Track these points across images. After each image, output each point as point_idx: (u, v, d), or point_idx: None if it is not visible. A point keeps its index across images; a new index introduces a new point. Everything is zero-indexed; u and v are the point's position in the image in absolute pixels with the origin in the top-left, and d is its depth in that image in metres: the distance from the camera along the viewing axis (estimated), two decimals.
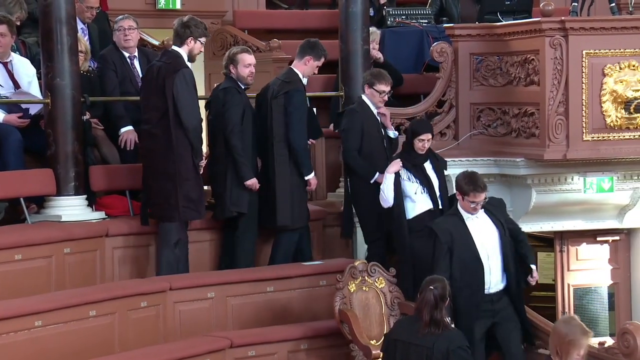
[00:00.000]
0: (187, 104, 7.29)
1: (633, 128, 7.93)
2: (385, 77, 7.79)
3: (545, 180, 8.26)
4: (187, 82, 7.30)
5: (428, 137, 7.49)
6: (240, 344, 7.05)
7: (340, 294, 7.20)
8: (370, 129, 7.72)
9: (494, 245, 6.94)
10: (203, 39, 7.47)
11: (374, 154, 7.70)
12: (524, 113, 8.19)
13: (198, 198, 7.38)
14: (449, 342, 6.21)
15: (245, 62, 7.67)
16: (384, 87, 7.75)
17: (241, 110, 7.62)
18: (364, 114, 7.74)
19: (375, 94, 7.75)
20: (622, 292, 8.95)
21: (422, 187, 7.45)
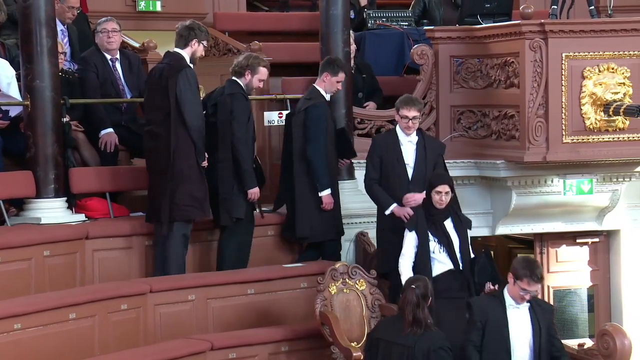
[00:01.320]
0: (190, 104, 7.30)
1: (612, 130, 7.97)
2: (410, 102, 7.44)
3: (526, 182, 8.30)
4: (190, 81, 7.32)
5: (445, 190, 7.01)
6: (221, 347, 7.04)
7: (321, 296, 7.20)
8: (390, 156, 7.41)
9: (527, 344, 6.40)
10: (206, 42, 7.52)
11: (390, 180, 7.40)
12: (504, 115, 8.22)
13: (202, 197, 7.41)
14: (431, 342, 6.23)
15: (263, 76, 7.71)
16: (406, 112, 7.38)
17: (247, 117, 7.64)
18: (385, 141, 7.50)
19: (401, 121, 7.42)
20: (602, 293, 9.00)
21: (441, 245, 7.01)
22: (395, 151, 7.43)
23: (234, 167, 7.57)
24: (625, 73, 7.92)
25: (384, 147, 7.48)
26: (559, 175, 8.27)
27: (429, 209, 7.08)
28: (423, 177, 7.35)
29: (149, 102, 7.52)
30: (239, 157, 7.55)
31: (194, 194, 7.34)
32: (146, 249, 7.63)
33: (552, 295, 8.87)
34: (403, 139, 7.44)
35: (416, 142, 7.42)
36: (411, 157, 7.41)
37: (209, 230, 7.82)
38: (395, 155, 7.42)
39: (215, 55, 9.69)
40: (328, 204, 7.74)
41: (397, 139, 7.46)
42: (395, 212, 7.34)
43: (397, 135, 7.48)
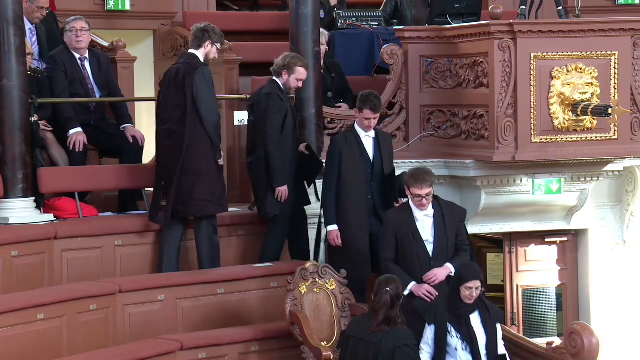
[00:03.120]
0: (206, 100, 7.41)
1: (580, 130, 8.02)
2: (421, 179, 6.93)
3: (495, 181, 8.34)
4: (206, 79, 7.44)
5: (477, 285, 6.46)
6: (190, 347, 7.02)
7: (291, 295, 7.20)
8: (405, 233, 6.96)
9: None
10: (219, 45, 7.64)
11: (408, 259, 6.97)
12: (473, 115, 8.25)
13: (221, 192, 7.56)
14: (396, 340, 6.26)
15: (301, 76, 7.78)
16: (418, 190, 6.90)
17: (282, 117, 7.70)
18: (400, 217, 7.05)
19: (413, 199, 6.99)
20: (570, 292, 9.05)
21: (464, 342, 6.43)
22: (410, 227, 6.92)
23: (266, 165, 7.72)
24: (593, 73, 7.97)
25: (397, 223, 6.97)
26: (528, 174, 8.31)
27: (454, 301, 6.49)
28: (445, 251, 6.89)
29: (165, 101, 7.63)
30: (269, 155, 7.70)
31: (212, 190, 7.48)
32: (115, 249, 7.59)
33: (521, 294, 8.92)
34: (418, 214, 6.96)
35: (433, 214, 6.95)
36: (429, 231, 6.94)
37: None
38: (410, 232, 6.91)
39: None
40: (333, 239, 7.63)
41: (412, 214, 6.97)
42: (414, 290, 6.86)
43: (410, 210, 6.99)
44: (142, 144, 8.33)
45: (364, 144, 7.66)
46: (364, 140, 7.67)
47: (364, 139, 7.67)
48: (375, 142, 7.69)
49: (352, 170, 7.58)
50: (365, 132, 7.67)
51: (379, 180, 7.68)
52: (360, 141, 7.66)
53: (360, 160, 7.62)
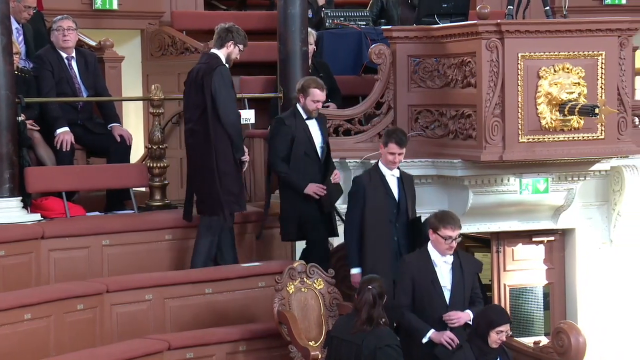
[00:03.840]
0: (224, 100, 7.48)
1: (567, 130, 8.04)
2: (450, 219, 6.69)
3: (482, 181, 8.35)
4: (224, 78, 7.51)
5: (507, 328, 6.39)
6: (178, 346, 7.01)
7: (279, 295, 7.19)
8: (424, 279, 6.66)
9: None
10: (242, 46, 7.68)
11: (425, 305, 6.67)
12: (461, 115, 8.26)
13: (238, 191, 7.61)
14: (378, 340, 6.25)
15: (315, 97, 7.69)
16: (450, 231, 6.61)
17: (286, 140, 7.63)
18: (419, 263, 6.71)
19: (441, 241, 6.65)
20: (557, 291, 9.08)
21: None
22: (430, 273, 6.65)
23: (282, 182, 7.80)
24: (580, 73, 7.99)
25: (416, 269, 6.67)
26: (515, 174, 8.32)
27: (480, 346, 6.38)
28: (462, 300, 6.66)
29: (186, 101, 7.72)
30: (278, 175, 7.77)
31: (230, 189, 7.55)
32: (103, 248, 7.57)
33: (508, 293, 8.93)
34: (438, 260, 6.70)
35: (452, 262, 6.69)
36: (447, 279, 6.66)
37: None
38: (430, 278, 6.64)
39: (173, 54, 9.66)
40: (357, 283, 7.16)
41: (431, 260, 6.70)
42: (434, 338, 6.57)
43: (429, 255, 6.72)
44: (130, 143, 8.31)
45: (389, 183, 7.37)
46: (389, 179, 7.37)
47: (389, 178, 7.37)
48: (400, 181, 7.40)
49: (377, 210, 7.26)
50: (390, 170, 7.36)
51: (404, 222, 7.35)
52: (385, 180, 7.36)
53: (385, 200, 7.31)
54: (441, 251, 6.64)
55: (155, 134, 8.29)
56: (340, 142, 8.50)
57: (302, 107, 7.74)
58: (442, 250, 6.64)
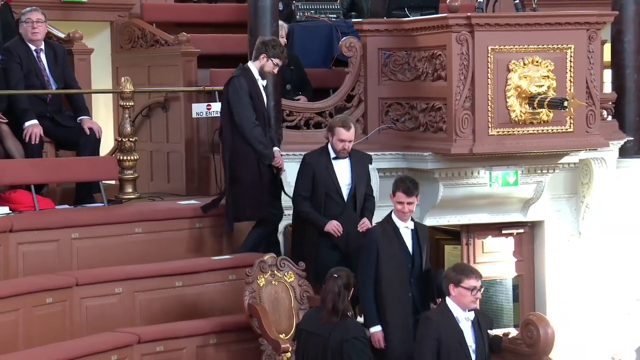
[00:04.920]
0: (237, 111, 7.65)
1: (537, 123, 8.08)
2: (471, 269, 6.54)
3: (452, 174, 8.37)
4: (236, 89, 7.66)
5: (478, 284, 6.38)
6: (148, 340, 6.99)
7: (249, 288, 7.19)
8: (451, 339, 6.37)
9: None
10: (276, 60, 7.74)
11: None
12: (431, 108, 8.28)
13: (259, 197, 7.69)
14: (345, 332, 6.25)
15: (340, 137, 7.48)
16: (474, 281, 6.35)
17: (307, 178, 7.52)
18: (444, 321, 6.39)
19: (466, 293, 6.34)
20: (526, 284, 9.13)
21: None
22: (456, 332, 6.37)
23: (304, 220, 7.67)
24: (549, 66, 8.03)
25: (442, 328, 6.34)
26: (485, 167, 8.36)
27: None
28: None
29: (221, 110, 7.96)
30: (301, 214, 7.63)
31: (251, 195, 7.66)
32: (72, 241, 7.53)
33: None
34: (460, 317, 6.40)
35: (473, 318, 6.45)
36: (471, 337, 6.40)
37: None
38: (457, 338, 6.36)
39: (143, 46, 9.61)
40: (377, 342, 6.91)
41: (454, 317, 6.37)
42: None
43: (451, 312, 6.38)
44: (99, 136, 8.27)
45: (403, 237, 7.01)
46: (402, 232, 7.01)
47: (403, 230, 7.01)
48: (414, 234, 7.04)
49: (391, 265, 6.92)
50: (404, 222, 7.01)
51: (419, 276, 7.00)
52: (399, 233, 7.00)
53: (400, 254, 6.97)
54: (466, 305, 6.35)
55: (126, 126, 8.26)
56: (310, 135, 8.51)
57: (331, 146, 7.54)
58: (467, 303, 6.34)
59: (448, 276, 6.42)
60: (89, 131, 8.20)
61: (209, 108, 8.56)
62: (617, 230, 9.14)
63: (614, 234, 9.13)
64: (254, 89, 7.74)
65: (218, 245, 8.09)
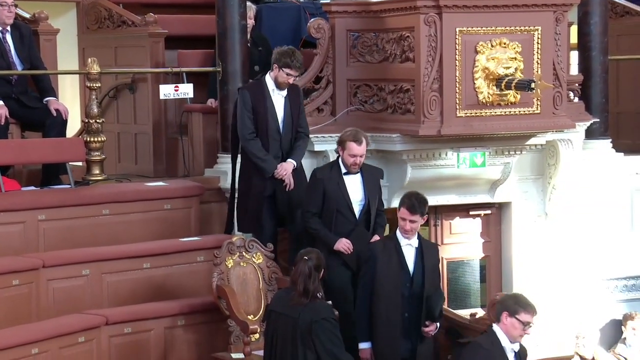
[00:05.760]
0: (237, 122, 7.56)
1: (504, 104, 8.11)
2: (530, 304, 6.23)
3: (420, 155, 8.40)
4: (240, 101, 7.53)
5: None
6: (115, 321, 6.98)
7: (217, 269, 7.19)
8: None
9: None
10: (287, 70, 7.48)
11: None
12: (399, 89, 8.29)
13: (253, 211, 7.54)
14: (314, 313, 6.26)
15: (351, 151, 7.22)
16: (530, 317, 6.13)
17: (317, 195, 7.21)
18: (494, 351, 6.15)
19: (518, 326, 6.12)
20: (493, 264, 9.19)
21: None
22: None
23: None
24: (516, 48, 8.06)
25: (492, 357, 6.14)
26: (453, 148, 8.39)
27: None
28: None
29: None
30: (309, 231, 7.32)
31: (246, 208, 7.57)
32: (39, 223, 7.49)
33: (445, 266, 9.01)
34: (508, 347, 6.15)
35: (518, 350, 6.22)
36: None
37: None
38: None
39: (109, 27, 9.54)
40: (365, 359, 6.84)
41: (502, 347, 6.14)
42: None
43: (499, 342, 6.15)
44: (66, 118, 8.21)
45: (404, 254, 6.76)
46: (404, 249, 6.76)
47: (405, 247, 6.77)
48: (418, 252, 6.78)
49: (387, 282, 6.70)
50: (407, 239, 6.76)
51: (418, 296, 6.72)
52: (401, 250, 6.75)
53: (398, 272, 6.71)
54: (514, 337, 6.13)
55: (92, 108, 8.21)
56: None
57: (342, 161, 7.28)
58: (515, 336, 6.12)
59: (504, 303, 6.21)
60: (55, 112, 8.14)
61: (176, 89, 8.52)
62: (583, 211, 9.21)
63: (580, 214, 9.20)
64: (260, 102, 7.50)
65: (186, 227, 8.07)
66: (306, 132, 7.73)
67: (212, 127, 8.72)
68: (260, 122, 7.51)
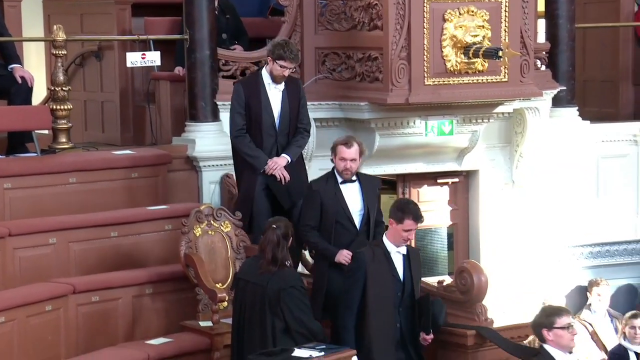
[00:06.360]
0: (229, 118, 7.41)
1: (472, 72, 8.12)
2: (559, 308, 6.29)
3: (388, 124, 8.41)
4: (233, 96, 7.34)
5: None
6: (83, 290, 6.96)
7: (185, 238, 7.18)
8: None
9: None
10: (281, 61, 7.20)
11: None
12: (367, 58, 8.28)
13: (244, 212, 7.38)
14: (282, 281, 6.26)
15: (341, 155, 6.89)
16: (567, 317, 6.05)
17: (314, 207, 6.89)
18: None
19: (563, 333, 5.99)
20: (461, 232, 9.25)
21: None
22: None
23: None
24: (484, 16, 8.06)
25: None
26: (421, 116, 8.41)
27: None
28: None
29: None
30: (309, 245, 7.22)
31: (239, 209, 7.47)
32: (5, 192, 7.43)
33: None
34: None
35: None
36: None
37: None
38: None
39: None
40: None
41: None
42: None
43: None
44: (32, 85, 8.12)
45: (394, 262, 6.50)
46: (394, 257, 6.50)
47: (394, 255, 6.51)
48: (406, 259, 6.54)
49: (380, 292, 6.40)
50: (397, 247, 6.51)
51: (408, 305, 6.53)
52: (391, 258, 6.49)
53: (389, 281, 6.45)
54: (566, 345, 6.01)
55: (58, 75, 8.13)
56: None
57: (336, 170, 6.95)
58: (567, 343, 6.01)
59: (538, 323, 6.08)
60: (21, 80, 8.05)
61: (143, 57, 8.46)
62: (549, 179, 9.28)
63: (546, 182, 9.27)
64: (255, 96, 7.27)
65: (154, 196, 8.04)
66: (307, 127, 7.44)
67: (179, 95, 8.68)
68: (253, 117, 7.27)
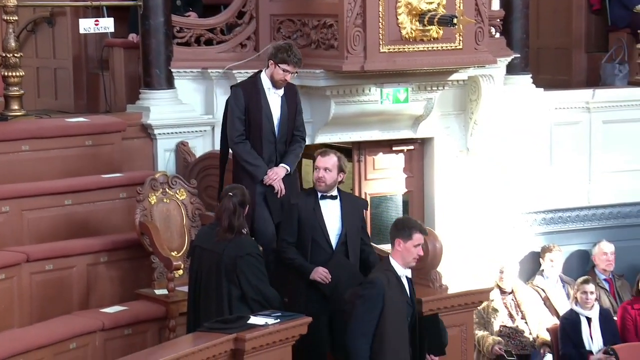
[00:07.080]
0: (228, 123, 7.05)
1: (427, 40, 8.14)
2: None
3: (344, 91, 8.41)
4: (231, 100, 7.05)
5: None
6: (37, 258, 6.93)
7: (140, 206, 7.17)
8: None
9: None
10: (284, 65, 6.99)
11: None
12: (322, 25, 8.26)
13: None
14: (238, 249, 6.27)
15: (315, 164, 6.69)
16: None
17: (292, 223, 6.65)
18: None
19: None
20: (416, 199, 9.30)
21: None
22: None
23: None
24: None
25: None
26: (376, 84, 8.42)
27: None
28: None
29: None
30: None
31: None
32: None
33: (369, 201, 9.09)
34: None
35: None
36: None
37: None
38: None
39: None
40: None
41: None
42: None
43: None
44: None
45: (405, 286, 6.23)
46: (404, 281, 6.25)
47: (404, 280, 6.25)
48: (410, 282, 6.31)
49: (396, 319, 6.12)
50: (404, 269, 6.22)
51: (412, 327, 6.32)
52: (402, 283, 6.21)
53: (404, 306, 6.19)
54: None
55: (10, 42, 8.02)
56: (201, 52, 8.41)
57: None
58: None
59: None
60: None
61: (96, 23, 8.37)
62: (503, 146, 9.35)
63: (500, 149, 9.34)
64: (255, 101, 7.00)
65: (108, 163, 7.99)
66: (302, 135, 7.19)
67: (133, 62, 8.60)
68: (253, 123, 6.98)
